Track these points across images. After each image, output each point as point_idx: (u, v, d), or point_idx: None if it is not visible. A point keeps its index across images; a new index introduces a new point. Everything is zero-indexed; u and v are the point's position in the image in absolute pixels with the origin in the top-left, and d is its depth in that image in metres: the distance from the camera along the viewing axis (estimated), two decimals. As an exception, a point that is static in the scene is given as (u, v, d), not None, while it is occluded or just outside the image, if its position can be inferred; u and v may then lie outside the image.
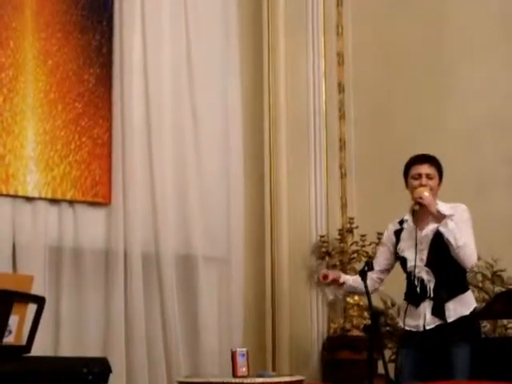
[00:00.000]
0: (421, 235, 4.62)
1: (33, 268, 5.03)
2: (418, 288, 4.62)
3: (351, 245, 6.17)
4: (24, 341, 3.91)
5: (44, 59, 5.42)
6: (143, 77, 5.79)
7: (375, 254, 5.91)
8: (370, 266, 4.60)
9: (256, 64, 6.52)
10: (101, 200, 5.55)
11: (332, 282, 4.88)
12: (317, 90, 6.51)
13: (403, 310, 4.77)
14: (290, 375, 5.43)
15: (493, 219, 5.62)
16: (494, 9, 6.11)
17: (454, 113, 6.11)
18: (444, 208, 4.60)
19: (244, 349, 5.22)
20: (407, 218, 4.74)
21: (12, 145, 5.23)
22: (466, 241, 4.54)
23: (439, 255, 4.59)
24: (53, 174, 5.37)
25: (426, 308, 4.61)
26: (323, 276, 4.84)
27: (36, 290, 4.09)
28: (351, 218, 6.24)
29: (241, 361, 5.12)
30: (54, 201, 5.37)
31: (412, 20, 6.32)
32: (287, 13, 6.54)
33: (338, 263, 6.18)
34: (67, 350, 5.21)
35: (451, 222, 4.53)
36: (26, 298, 3.90)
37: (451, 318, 4.58)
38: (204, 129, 6.03)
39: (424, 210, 4.61)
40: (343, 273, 6.12)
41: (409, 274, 4.70)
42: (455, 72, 6.14)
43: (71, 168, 5.45)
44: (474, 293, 4.88)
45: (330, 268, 6.23)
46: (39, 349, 4.34)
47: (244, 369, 5.12)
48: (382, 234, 5.76)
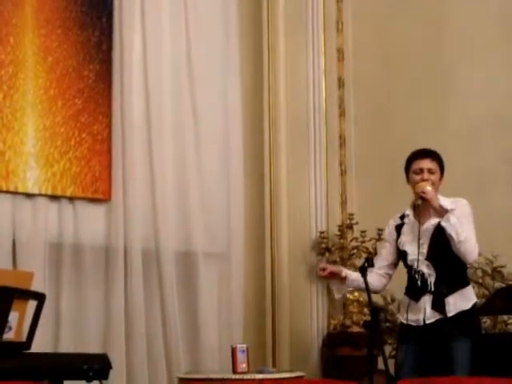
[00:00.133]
0: (422, 229, 4.62)
1: (33, 264, 5.04)
2: (419, 282, 4.63)
3: (351, 241, 6.17)
4: (24, 337, 3.89)
5: (44, 56, 5.42)
6: (143, 73, 5.79)
7: (376, 251, 5.95)
8: (369, 262, 4.60)
9: (256, 62, 6.51)
10: (101, 196, 5.55)
11: (332, 275, 4.87)
12: (317, 87, 6.50)
13: (403, 304, 4.79)
14: (290, 371, 5.42)
15: (493, 216, 5.63)
16: (494, 8, 6.11)
17: (454, 111, 6.11)
18: (445, 203, 4.61)
19: (244, 345, 5.22)
20: (408, 212, 4.74)
21: (12, 141, 5.23)
22: (467, 236, 4.55)
23: (440, 249, 4.60)
24: (53, 170, 5.37)
25: (426, 302, 4.62)
26: (321, 269, 4.84)
27: (36, 286, 4.08)
28: (351, 214, 6.24)
29: (241, 357, 5.12)
30: (53, 197, 5.37)
31: (412, 17, 6.31)
32: (287, 10, 6.53)
33: (338, 259, 6.18)
34: (67, 347, 5.22)
35: (453, 217, 4.54)
36: (26, 294, 3.88)
37: (451, 312, 4.58)
38: (204, 125, 6.02)
39: (426, 205, 4.62)
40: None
41: (409, 268, 4.71)
42: (455, 70, 6.13)
43: (71, 164, 5.45)
44: (474, 289, 4.88)
45: (331, 264, 6.24)
46: (39, 345, 4.32)
47: (244, 365, 5.12)
48: (381, 230, 5.78)
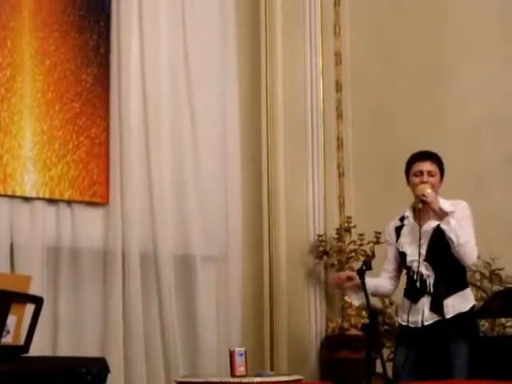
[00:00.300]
0: (421, 231, 4.61)
1: (31, 268, 5.03)
2: (418, 283, 4.62)
3: (349, 244, 6.17)
4: (22, 341, 3.90)
5: (41, 59, 5.42)
6: (141, 77, 5.79)
7: (374, 254, 5.95)
8: (367, 265, 4.60)
9: (253, 64, 6.51)
10: (99, 200, 5.55)
11: (348, 280, 4.80)
12: (314, 89, 6.51)
13: (401, 306, 4.78)
14: (288, 374, 5.42)
15: (491, 218, 5.62)
16: (493, 9, 6.10)
17: (454, 111, 6.11)
18: (445, 205, 4.61)
19: (242, 348, 5.20)
20: (408, 214, 4.74)
21: (10, 145, 5.23)
22: (467, 239, 4.55)
23: (439, 251, 4.60)
24: (50, 173, 5.37)
25: (424, 304, 4.61)
26: (339, 278, 4.77)
27: (34, 289, 4.08)
28: (349, 217, 6.24)
29: (239, 360, 5.11)
30: (51, 201, 5.37)
31: (410, 19, 6.31)
32: (285, 12, 6.53)
33: (335, 262, 6.18)
34: (65, 350, 5.21)
35: (453, 220, 4.54)
36: (24, 298, 3.89)
37: (449, 314, 4.58)
38: (202, 128, 6.02)
39: (426, 207, 4.61)
40: (341, 271, 6.14)
41: (408, 270, 4.71)
42: (454, 71, 6.13)
43: (69, 168, 5.44)
44: (472, 291, 4.87)
45: (329, 267, 6.25)
46: (37, 349, 4.33)
47: (242, 368, 5.11)
48: (379, 233, 5.79)
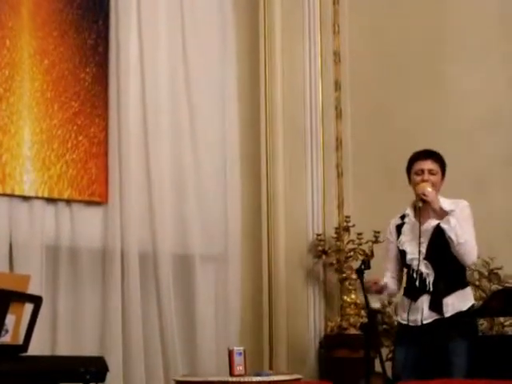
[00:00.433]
0: (421, 229, 4.61)
1: (29, 267, 5.03)
2: (417, 282, 4.62)
3: (348, 243, 6.16)
4: (21, 340, 3.90)
5: (40, 58, 5.41)
6: (139, 76, 5.79)
7: (373, 253, 5.94)
8: (366, 264, 4.60)
9: (252, 63, 6.51)
10: (97, 199, 5.55)
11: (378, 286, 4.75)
12: (313, 88, 6.51)
13: (401, 305, 4.77)
14: (287, 374, 5.42)
15: (490, 218, 5.62)
16: (492, 9, 6.10)
17: (452, 111, 6.10)
18: (446, 204, 4.61)
19: (241, 347, 5.19)
20: (408, 212, 4.73)
21: (8, 144, 5.23)
22: (467, 238, 4.55)
23: (439, 249, 4.60)
24: (49, 173, 5.37)
25: (423, 302, 4.61)
26: (374, 282, 4.72)
27: (33, 289, 4.08)
28: (348, 217, 6.24)
29: (238, 359, 5.10)
30: (50, 200, 5.37)
31: (409, 18, 6.31)
32: (284, 11, 6.53)
33: (334, 262, 6.18)
34: (64, 350, 5.21)
35: (453, 219, 4.54)
36: (23, 297, 3.89)
37: (449, 313, 4.58)
38: (201, 127, 6.02)
39: (426, 206, 4.61)
40: (341, 271, 6.14)
41: (408, 268, 4.71)
42: (454, 70, 6.12)
43: (68, 167, 5.44)
44: (471, 291, 4.86)
45: (328, 266, 6.25)
46: (36, 348, 4.32)
47: (241, 367, 5.10)
48: (378, 232, 5.79)
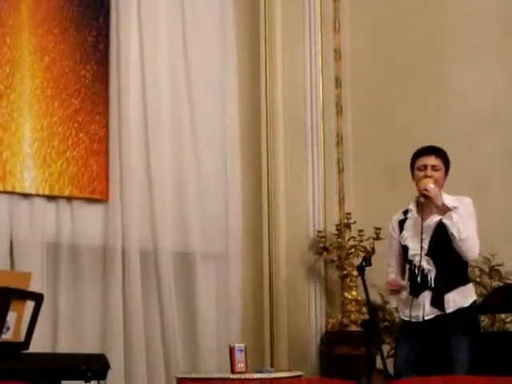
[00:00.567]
0: (424, 225, 4.61)
1: (30, 265, 5.03)
2: (419, 277, 4.61)
3: (349, 240, 6.16)
4: (22, 337, 3.90)
5: (41, 56, 5.40)
6: (140, 73, 5.78)
7: (374, 250, 5.94)
8: (367, 261, 4.60)
9: (253, 60, 6.51)
10: (98, 196, 5.54)
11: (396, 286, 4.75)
12: (314, 85, 6.51)
13: (403, 301, 4.76)
14: (289, 371, 5.42)
15: (490, 215, 5.61)
16: (491, 8, 6.10)
17: (452, 109, 6.10)
18: (449, 201, 4.61)
19: (242, 345, 5.20)
20: (411, 207, 4.73)
21: (9, 141, 5.22)
22: (468, 234, 4.55)
23: (441, 245, 4.60)
24: (50, 170, 5.36)
25: (425, 298, 4.61)
26: (393, 284, 4.71)
27: (33, 286, 4.07)
28: (349, 213, 6.24)
29: (239, 357, 5.10)
30: (51, 197, 5.36)
31: (409, 17, 6.31)
32: (284, 8, 6.53)
33: (335, 258, 6.18)
34: (65, 347, 5.21)
35: (455, 215, 4.54)
36: (24, 294, 3.89)
37: (450, 309, 4.58)
38: (201, 125, 6.02)
39: (429, 201, 4.61)
40: (342, 268, 6.14)
41: (410, 264, 4.70)
42: (453, 69, 6.12)
43: (68, 164, 5.44)
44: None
45: (329, 263, 6.25)
46: (37, 345, 4.32)
47: (242, 365, 5.11)
48: (379, 229, 5.79)
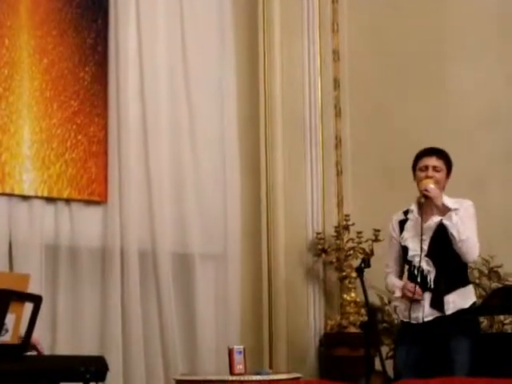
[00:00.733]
0: (424, 226, 4.62)
1: (29, 266, 5.03)
2: (419, 278, 4.61)
3: (347, 242, 6.16)
4: (21, 340, 3.90)
5: (39, 57, 5.41)
6: (139, 74, 5.78)
7: (373, 251, 5.93)
8: (366, 262, 4.59)
9: (252, 61, 6.51)
10: (97, 198, 5.54)
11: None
12: (312, 87, 6.50)
13: (402, 302, 4.74)
14: (287, 373, 5.42)
15: (490, 216, 5.60)
16: (490, 9, 6.09)
17: (451, 110, 6.10)
18: (449, 202, 4.61)
19: (241, 346, 5.20)
20: (413, 208, 4.72)
21: (8, 143, 5.22)
22: (468, 235, 4.55)
23: (441, 247, 4.60)
24: (49, 172, 5.37)
25: (425, 300, 4.61)
26: (412, 292, 4.64)
27: (32, 288, 4.07)
28: (347, 215, 6.23)
29: (238, 358, 5.11)
30: (50, 199, 5.37)
31: (408, 17, 6.30)
32: (283, 9, 6.53)
33: (334, 260, 6.17)
34: (64, 349, 5.20)
35: (455, 216, 4.54)
36: (23, 296, 3.88)
37: (450, 310, 4.58)
38: (200, 126, 6.02)
39: (429, 202, 4.61)
40: (341, 270, 6.14)
41: (409, 264, 4.70)
42: (451, 70, 6.12)
43: (67, 166, 5.44)
44: (471, 289, 4.87)
45: (327, 265, 6.25)
46: (36, 347, 4.32)
47: (241, 366, 5.11)
48: (378, 230, 5.79)
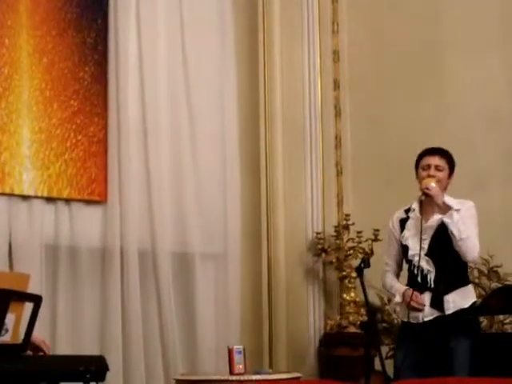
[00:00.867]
0: (425, 225, 4.61)
1: (29, 266, 5.02)
2: (419, 278, 4.61)
3: (347, 241, 6.16)
4: (20, 339, 3.89)
5: (39, 57, 5.41)
6: (139, 74, 5.78)
7: (372, 251, 5.93)
8: (366, 262, 4.59)
9: (251, 62, 6.50)
10: (97, 198, 5.54)
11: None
12: (312, 87, 6.51)
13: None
14: (287, 372, 5.42)
15: (489, 216, 5.60)
16: (492, 9, 6.10)
17: (451, 111, 6.10)
18: (452, 202, 4.60)
19: (241, 346, 5.20)
20: (414, 206, 4.71)
21: (8, 143, 5.22)
22: (469, 234, 4.55)
23: (441, 246, 4.60)
24: (49, 172, 5.36)
25: (425, 299, 4.60)
26: (420, 303, 4.63)
27: (32, 288, 4.07)
28: (347, 215, 6.24)
29: (237, 358, 5.11)
30: (49, 199, 5.36)
31: (408, 18, 6.30)
32: (283, 10, 6.53)
33: (334, 260, 6.18)
34: (64, 349, 5.20)
35: (456, 215, 4.54)
36: (23, 296, 3.88)
37: (450, 310, 4.58)
38: (200, 126, 6.02)
39: (430, 201, 4.61)
40: (340, 270, 6.14)
41: (409, 264, 4.70)
42: (452, 70, 6.13)
43: (67, 166, 5.44)
44: (471, 288, 4.87)
45: (327, 265, 6.25)
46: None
47: (241, 366, 5.11)
48: (378, 230, 5.79)
